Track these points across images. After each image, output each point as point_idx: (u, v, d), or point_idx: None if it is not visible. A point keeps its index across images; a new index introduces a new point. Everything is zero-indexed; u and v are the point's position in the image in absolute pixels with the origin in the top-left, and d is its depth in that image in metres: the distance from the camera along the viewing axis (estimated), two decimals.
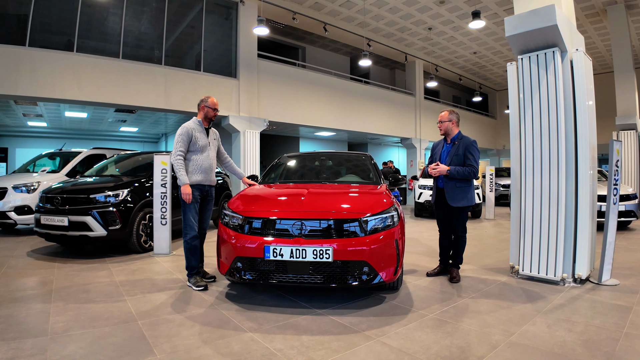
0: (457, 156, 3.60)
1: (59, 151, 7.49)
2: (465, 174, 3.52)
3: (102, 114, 10.76)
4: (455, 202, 3.57)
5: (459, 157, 3.59)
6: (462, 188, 3.57)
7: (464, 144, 3.62)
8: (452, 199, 3.57)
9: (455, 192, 3.57)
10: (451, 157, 3.62)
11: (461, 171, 3.52)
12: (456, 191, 3.57)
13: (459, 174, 3.52)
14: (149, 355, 2.17)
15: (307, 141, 16.04)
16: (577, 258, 3.42)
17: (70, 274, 3.97)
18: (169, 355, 2.16)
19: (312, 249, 2.73)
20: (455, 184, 3.57)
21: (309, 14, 10.80)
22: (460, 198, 3.56)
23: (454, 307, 2.91)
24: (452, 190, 3.58)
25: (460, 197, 3.56)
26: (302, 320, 2.68)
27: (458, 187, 3.57)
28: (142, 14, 8.66)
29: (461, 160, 3.58)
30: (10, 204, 5.87)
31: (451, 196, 3.58)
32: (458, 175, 3.52)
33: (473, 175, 3.52)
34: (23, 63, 6.50)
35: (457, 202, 3.56)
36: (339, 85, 12.54)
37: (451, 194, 3.58)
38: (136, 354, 2.17)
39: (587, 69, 3.47)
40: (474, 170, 3.52)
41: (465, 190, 3.57)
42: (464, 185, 3.57)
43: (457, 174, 3.52)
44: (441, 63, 15.34)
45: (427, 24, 11.52)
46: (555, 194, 3.43)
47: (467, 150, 3.58)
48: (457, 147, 3.64)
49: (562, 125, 3.38)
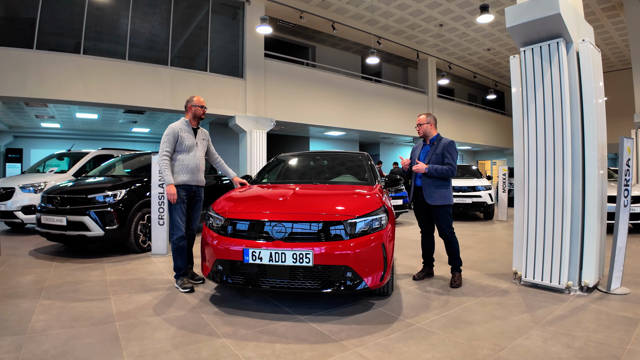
0: (436, 155, 3.57)
1: (68, 152, 7.63)
2: (443, 172, 3.48)
3: (112, 115, 10.95)
4: (433, 200, 3.51)
5: (437, 156, 3.56)
6: (440, 187, 3.52)
7: (443, 144, 3.60)
8: (430, 197, 3.52)
9: (433, 190, 3.52)
10: (430, 157, 3.60)
11: (439, 169, 3.49)
12: (434, 189, 3.52)
13: (438, 172, 3.49)
14: (117, 357, 2.14)
15: (317, 141, 15.93)
16: (584, 264, 3.17)
17: (64, 272, 3.99)
18: (136, 359, 2.12)
19: (292, 252, 2.61)
20: (433, 182, 3.54)
21: (317, 12, 10.68)
22: (438, 197, 3.50)
23: (445, 317, 2.73)
24: (429, 188, 3.53)
25: (438, 195, 3.50)
26: (281, 326, 2.57)
27: (436, 186, 3.52)
28: (149, 15, 8.75)
29: (440, 160, 3.55)
30: (17, 204, 5.99)
31: (429, 194, 3.53)
32: (436, 173, 3.49)
33: (451, 173, 3.49)
34: (31, 65, 6.65)
35: (435, 200, 3.50)
36: (348, 84, 12.37)
37: (429, 192, 3.53)
38: (105, 356, 2.15)
39: (596, 61, 3.22)
40: (452, 169, 3.48)
41: (443, 189, 3.53)
42: (442, 184, 3.54)
43: (436, 172, 3.49)
44: (454, 60, 14.93)
45: (438, 20, 11.21)
46: (560, 194, 3.20)
47: (446, 150, 3.55)
48: (436, 147, 3.63)
49: (567, 121, 3.14)
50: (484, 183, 8.79)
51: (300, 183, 3.78)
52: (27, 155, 13.47)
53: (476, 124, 17.13)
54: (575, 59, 3.17)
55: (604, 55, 14.09)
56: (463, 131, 16.18)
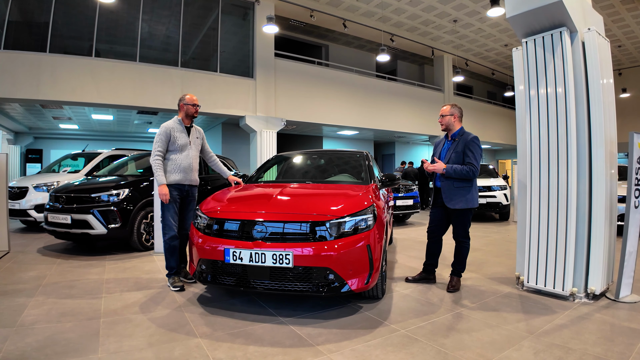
0: (456, 153, 3.25)
1: (82, 152, 7.86)
2: (463, 173, 3.17)
3: (127, 116, 11.23)
4: (452, 203, 3.23)
5: (457, 154, 3.25)
6: (461, 188, 3.22)
7: (464, 141, 3.26)
8: (450, 200, 3.24)
9: (452, 192, 3.23)
10: (450, 154, 3.29)
11: (459, 170, 3.17)
12: (454, 192, 3.23)
13: (456, 173, 3.18)
14: (92, 353, 2.16)
15: (330, 140, 15.83)
16: (590, 269, 2.95)
17: (66, 270, 4.08)
18: (110, 355, 2.14)
19: (272, 253, 2.54)
20: (453, 183, 3.23)
21: (327, 10, 10.60)
22: (459, 199, 3.21)
23: (433, 323, 2.59)
24: (449, 191, 3.25)
25: (459, 198, 3.21)
26: (260, 328, 2.51)
27: (456, 188, 3.22)
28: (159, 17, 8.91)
29: (460, 158, 3.24)
30: (31, 203, 6.21)
31: (448, 197, 3.25)
32: (455, 174, 3.18)
33: (472, 174, 3.16)
34: (44, 68, 6.90)
35: (455, 203, 3.22)
36: (361, 83, 12.22)
37: (448, 195, 3.25)
38: (81, 351, 2.19)
39: (603, 52, 2.98)
40: (473, 169, 3.16)
41: (464, 191, 3.22)
42: (463, 185, 3.22)
43: (454, 173, 3.18)
44: (471, 57, 14.50)
45: (452, 15, 10.90)
46: (564, 194, 2.98)
47: (467, 147, 3.22)
48: (457, 143, 3.30)
49: (572, 115, 2.93)
50: (500, 183, 8.46)
51: (292, 182, 3.72)
52: (47, 155, 14.04)
53: (495, 122, 16.58)
54: (581, 49, 2.95)
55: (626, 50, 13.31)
56: (482, 129, 15.67)
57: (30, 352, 2.16)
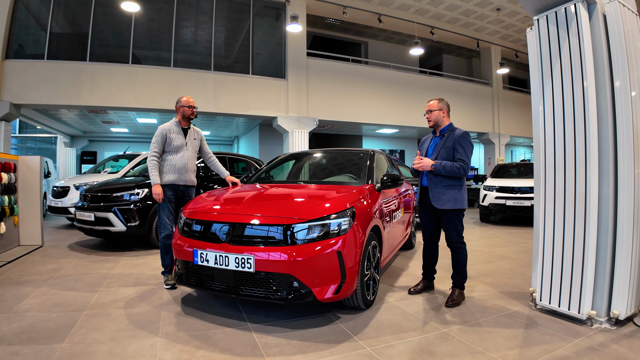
0: (445, 149, 2.97)
1: (123, 154, 8.46)
2: (453, 170, 2.89)
3: (169, 119, 11.89)
4: (440, 203, 2.94)
5: (447, 149, 2.97)
6: (450, 187, 2.94)
7: (455, 136, 2.98)
8: (437, 200, 2.95)
9: (440, 191, 2.95)
10: (438, 151, 3.01)
11: (449, 166, 2.89)
12: (442, 191, 2.94)
13: (446, 170, 2.90)
14: (59, 342, 2.27)
15: (370, 139, 15.46)
16: (614, 289, 2.44)
17: (82, 264, 4.35)
18: (73, 346, 2.22)
19: (235, 256, 2.44)
20: (441, 181, 2.95)
21: (359, 6, 10.32)
22: (447, 199, 2.92)
23: (409, 343, 2.29)
24: (437, 189, 2.97)
25: (447, 198, 2.92)
26: (222, 333, 2.42)
27: (444, 186, 2.94)
28: (194, 23, 9.30)
29: (450, 154, 2.96)
30: (71, 201, 6.79)
31: (436, 196, 2.96)
32: (444, 170, 2.91)
33: (463, 171, 2.88)
34: (84, 76, 7.53)
35: (443, 203, 2.93)
36: (400, 79, 11.74)
37: (436, 194, 2.96)
38: (51, 339, 2.31)
39: (630, 25, 2.45)
40: (464, 166, 2.88)
41: (453, 190, 2.93)
42: (452, 183, 2.94)
43: (444, 170, 2.91)
44: (521, 48, 13.25)
45: (494, 4, 10.02)
46: (582, 198, 2.50)
47: (457, 143, 2.93)
48: (446, 139, 3.01)
49: (591, 103, 2.45)
50: None
51: (285, 183, 3.60)
52: (101, 157, 15.41)
53: None
54: (602, 24, 2.45)
55: None
56: None
57: (8, 336, 2.32)
